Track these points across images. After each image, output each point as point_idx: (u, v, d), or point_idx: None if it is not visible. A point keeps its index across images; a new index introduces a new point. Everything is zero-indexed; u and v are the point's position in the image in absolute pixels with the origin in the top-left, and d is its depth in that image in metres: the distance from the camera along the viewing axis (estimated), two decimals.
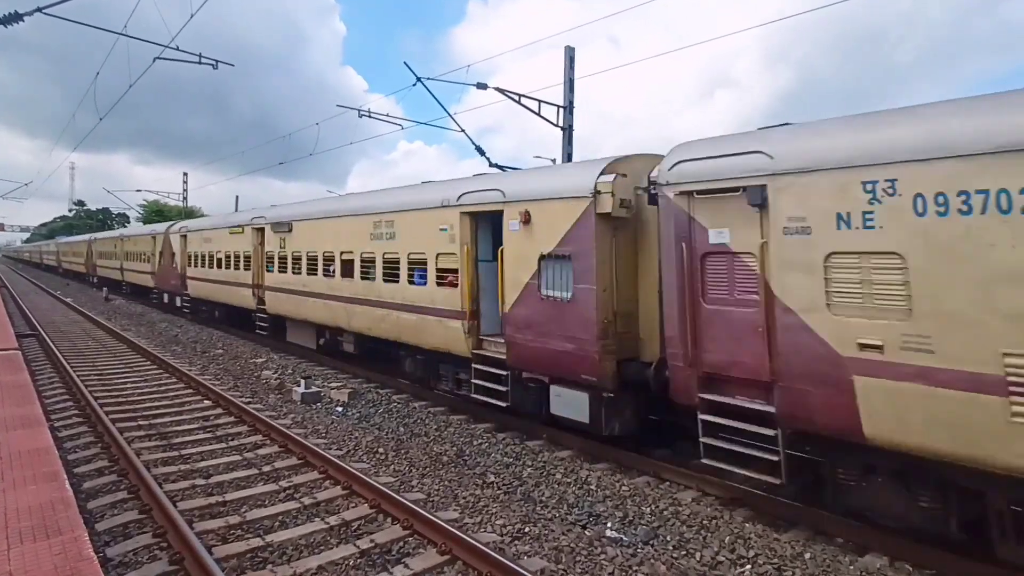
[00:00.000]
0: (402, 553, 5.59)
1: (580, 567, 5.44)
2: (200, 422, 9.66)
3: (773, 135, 6.28)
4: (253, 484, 7.19)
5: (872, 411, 5.22)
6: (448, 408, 10.73)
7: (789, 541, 5.89)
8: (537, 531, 6.13)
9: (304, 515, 6.37)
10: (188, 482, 7.14)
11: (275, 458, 8.05)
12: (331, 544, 5.75)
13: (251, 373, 13.94)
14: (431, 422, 9.96)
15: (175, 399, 11.08)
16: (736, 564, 5.56)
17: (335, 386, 12.10)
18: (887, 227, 5.15)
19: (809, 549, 5.74)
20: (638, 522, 6.38)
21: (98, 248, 40.07)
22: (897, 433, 5.12)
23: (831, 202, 5.49)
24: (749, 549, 5.77)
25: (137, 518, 6.10)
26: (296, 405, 11.08)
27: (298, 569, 5.19)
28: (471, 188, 9.92)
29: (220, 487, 7.06)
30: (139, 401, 10.88)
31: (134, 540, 5.66)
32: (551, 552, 5.69)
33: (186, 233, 23.25)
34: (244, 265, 18.18)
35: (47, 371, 13.11)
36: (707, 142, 6.85)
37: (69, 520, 4.61)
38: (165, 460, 7.90)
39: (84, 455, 7.93)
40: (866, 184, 5.25)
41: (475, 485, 7.39)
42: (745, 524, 6.28)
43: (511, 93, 15.91)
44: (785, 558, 5.59)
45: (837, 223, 5.45)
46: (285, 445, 8.39)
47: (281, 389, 12.30)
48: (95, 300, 31.36)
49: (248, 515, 6.27)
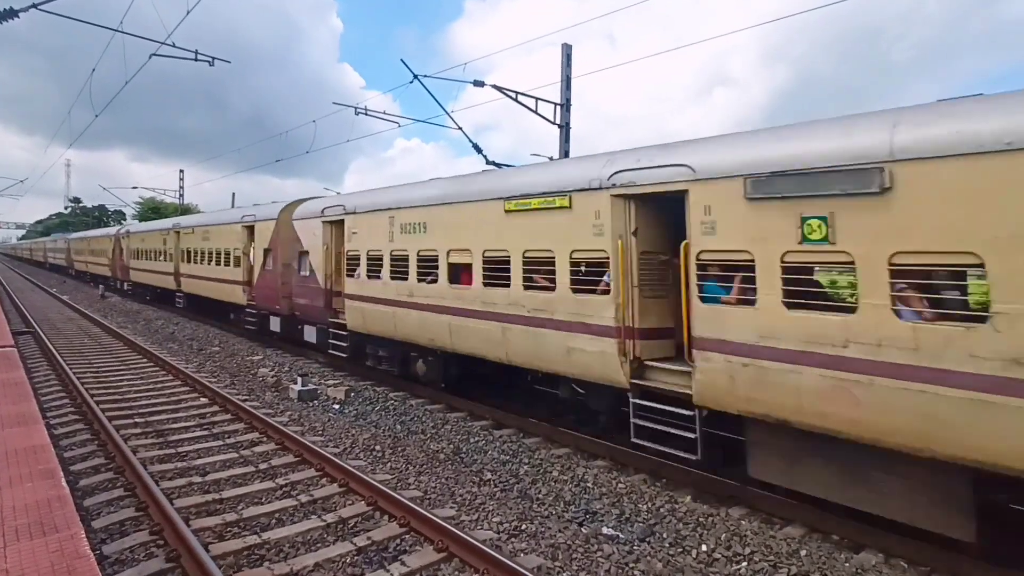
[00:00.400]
0: (399, 550, 5.60)
1: (577, 564, 5.46)
2: (197, 419, 9.64)
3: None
4: (250, 482, 7.19)
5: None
6: (445, 406, 10.73)
7: (785, 538, 5.92)
8: (534, 528, 6.15)
9: (301, 512, 6.37)
10: (185, 479, 7.13)
11: (272, 455, 8.05)
12: (328, 541, 5.75)
13: (248, 371, 13.92)
14: (428, 419, 9.97)
15: (172, 396, 11.06)
16: (732, 561, 5.58)
17: (332, 383, 12.10)
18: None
19: (805, 546, 5.77)
20: (634, 519, 6.40)
21: (134, 244, 30.43)
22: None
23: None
24: (745, 546, 5.79)
25: (134, 515, 6.09)
26: (293, 403, 11.08)
27: (295, 567, 5.19)
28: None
29: (217, 484, 7.05)
30: (135, 399, 10.86)
31: (131, 537, 5.65)
32: (548, 549, 5.71)
33: (343, 217, 13.39)
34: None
35: (43, 368, 13.08)
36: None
37: (65, 517, 4.61)
38: (162, 457, 7.89)
39: (80, 452, 7.91)
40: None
41: (472, 483, 7.40)
42: (741, 521, 6.30)
43: (508, 91, 15.90)
44: (781, 555, 5.62)
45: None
46: (282, 443, 8.39)
47: (278, 387, 12.30)
48: (91, 297, 31.29)
49: (245, 512, 6.27)
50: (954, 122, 4.95)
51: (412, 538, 5.80)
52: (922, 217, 5.01)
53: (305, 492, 6.85)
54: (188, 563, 5.10)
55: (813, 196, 5.67)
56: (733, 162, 6.40)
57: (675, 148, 7.25)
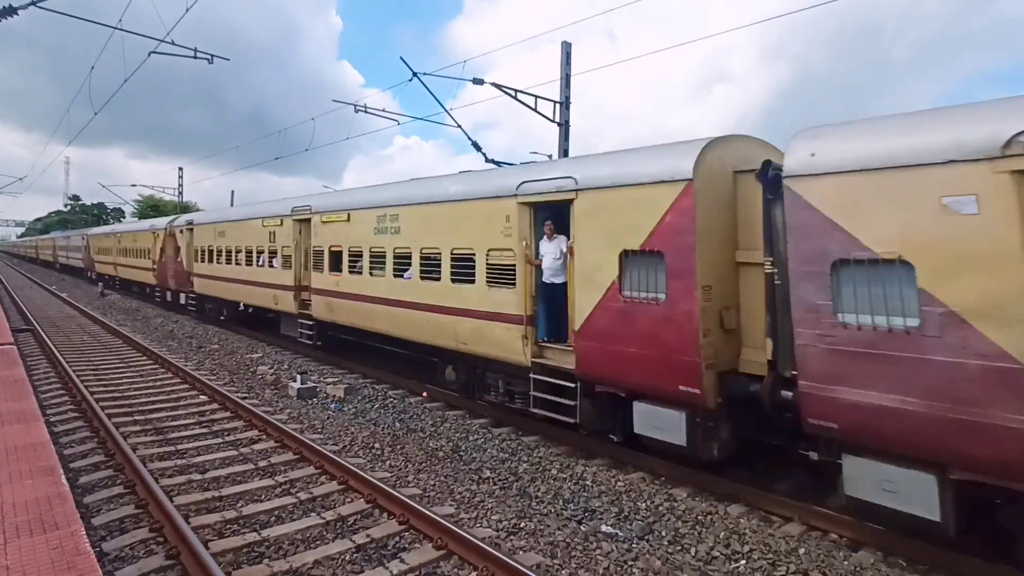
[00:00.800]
0: (398, 548, 5.61)
1: (575, 562, 5.47)
2: (196, 417, 9.65)
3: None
4: (249, 479, 7.20)
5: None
6: (444, 404, 10.75)
7: (783, 536, 5.93)
8: (533, 526, 6.16)
9: (300, 510, 6.38)
10: (184, 477, 7.14)
11: (271, 453, 8.06)
12: (327, 539, 5.76)
13: (247, 369, 13.93)
14: (427, 417, 9.98)
15: (171, 394, 11.06)
16: (731, 559, 5.60)
17: (331, 381, 12.10)
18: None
19: (803, 544, 5.78)
20: (633, 518, 6.42)
21: (202, 242, 21.31)
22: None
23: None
24: (744, 544, 5.80)
25: (133, 513, 6.10)
26: (292, 400, 11.09)
27: (294, 564, 5.20)
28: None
29: (216, 482, 7.07)
30: (135, 396, 10.87)
31: (130, 535, 5.66)
32: (547, 547, 5.72)
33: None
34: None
35: (42, 366, 13.08)
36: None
37: (66, 515, 4.62)
38: (161, 455, 7.90)
39: (80, 450, 7.92)
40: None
41: (471, 480, 7.41)
42: (740, 519, 6.32)
43: (508, 88, 15.89)
44: (779, 553, 5.63)
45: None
46: (281, 440, 8.40)
47: (277, 385, 12.30)
48: (90, 295, 31.27)
49: (244, 510, 6.28)
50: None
51: (411, 536, 5.81)
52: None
53: (304, 490, 6.86)
54: (188, 560, 5.10)
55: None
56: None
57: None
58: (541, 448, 8.51)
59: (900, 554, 5.55)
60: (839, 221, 5.44)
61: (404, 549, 5.58)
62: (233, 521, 6.03)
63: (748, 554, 5.65)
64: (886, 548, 5.64)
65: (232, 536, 5.74)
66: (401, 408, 10.56)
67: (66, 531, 4.34)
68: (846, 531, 5.97)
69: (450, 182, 10.93)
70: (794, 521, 6.27)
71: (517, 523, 6.22)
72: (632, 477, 7.45)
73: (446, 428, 9.46)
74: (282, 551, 5.51)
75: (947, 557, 5.37)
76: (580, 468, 7.73)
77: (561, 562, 5.46)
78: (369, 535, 5.76)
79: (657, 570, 5.38)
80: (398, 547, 5.63)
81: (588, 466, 7.80)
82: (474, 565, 5.18)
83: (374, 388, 11.91)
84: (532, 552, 5.61)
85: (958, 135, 4.87)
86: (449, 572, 5.22)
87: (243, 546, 5.51)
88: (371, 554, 5.48)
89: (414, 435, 9.20)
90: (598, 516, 6.47)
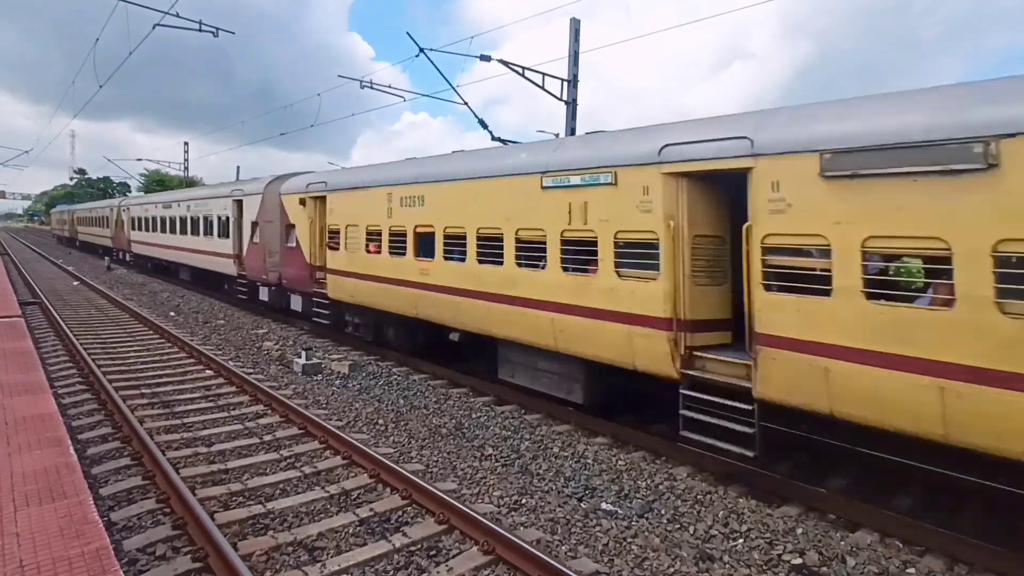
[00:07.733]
0: (400, 522, 5.69)
1: (575, 538, 5.54)
2: (202, 391, 9.75)
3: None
4: (254, 453, 7.29)
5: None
6: (448, 381, 10.81)
7: (781, 516, 5.99)
8: (534, 503, 6.23)
9: (304, 484, 6.47)
10: (191, 450, 7.24)
11: (276, 428, 8.15)
12: (331, 512, 5.85)
13: (252, 344, 14.02)
14: (431, 395, 10.05)
15: (177, 368, 11.16)
16: (729, 538, 5.66)
17: (336, 358, 12.18)
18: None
19: (801, 524, 5.83)
20: (633, 496, 6.48)
21: (345, 217, 13.12)
22: None
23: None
24: (742, 523, 5.86)
25: (140, 484, 6.19)
26: (297, 376, 11.17)
27: (299, 535, 5.29)
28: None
29: (222, 455, 7.16)
30: (142, 370, 10.97)
31: (138, 505, 5.76)
32: (547, 523, 5.79)
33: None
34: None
35: (50, 339, 13.20)
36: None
37: (74, 484, 4.69)
38: (168, 428, 8.00)
39: (88, 422, 8.03)
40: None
41: (473, 457, 7.49)
42: (739, 499, 6.37)
43: (515, 66, 15.68)
44: (777, 532, 5.69)
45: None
46: (286, 415, 8.48)
47: (282, 360, 12.39)
48: (97, 269, 31.42)
49: (249, 483, 6.37)
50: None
51: (413, 510, 5.89)
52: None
53: (309, 464, 6.94)
54: (194, 531, 5.20)
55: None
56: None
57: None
58: (543, 427, 8.56)
59: (897, 535, 5.60)
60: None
61: (407, 523, 5.66)
62: (239, 493, 6.13)
63: (746, 533, 5.71)
64: (883, 529, 5.68)
65: (237, 508, 5.83)
66: (405, 385, 10.63)
67: (74, 500, 4.41)
68: (844, 512, 6.01)
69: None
70: (793, 501, 6.31)
71: (518, 500, 6.29)
72: (633, 456, 7.51)
73: (449, 405, 9.53)
74: (287, 523, 5.60)
75: (944, 538, 5.41)
76: (582, 447, 7.79)
77: (561, 538, 5.53)
78: (372, 509, 5.84)
79: (656, 547, 5.44)
80: (401, 521, 5.71)
81: (589, 445, 7.86)
82: (475, 539, 5.26)
83: (378, 365, 11.97)
84: (533, 528, 5.68)
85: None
86: (451, 546, 5.30)
87: (248, 518, 5.61)
88: (374, 527, 5.56)
89: (417, 412, 9.27)
90: (599, 494, 6.53)
